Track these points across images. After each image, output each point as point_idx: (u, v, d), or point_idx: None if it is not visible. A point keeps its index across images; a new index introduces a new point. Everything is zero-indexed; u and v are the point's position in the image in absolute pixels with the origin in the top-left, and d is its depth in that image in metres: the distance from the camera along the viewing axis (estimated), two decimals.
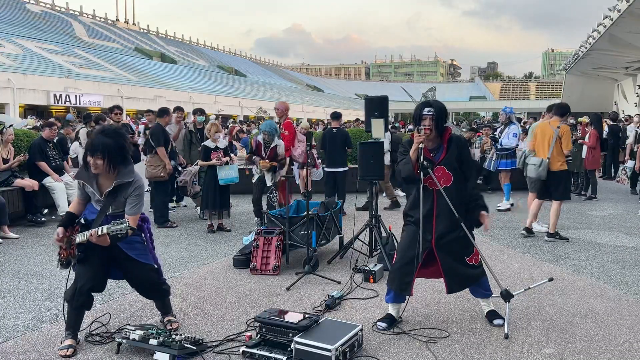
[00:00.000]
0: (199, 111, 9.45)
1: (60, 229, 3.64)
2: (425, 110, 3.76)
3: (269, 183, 7.27)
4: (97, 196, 3.63)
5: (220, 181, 7.20)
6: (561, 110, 6.91)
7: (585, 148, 10.53)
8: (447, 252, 3.85)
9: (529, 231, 7.05)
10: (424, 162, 3.71)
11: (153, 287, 3.85)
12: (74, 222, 3.71)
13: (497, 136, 9.79)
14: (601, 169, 13.91)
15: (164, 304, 4.01)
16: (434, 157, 3.83)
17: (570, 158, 7.21)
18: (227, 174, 7.25)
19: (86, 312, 3.74)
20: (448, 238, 3.83)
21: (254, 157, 7.21)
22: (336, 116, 9.18)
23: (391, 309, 4.08)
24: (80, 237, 3.56)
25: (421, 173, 3.73)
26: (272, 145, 7.12)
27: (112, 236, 3.43)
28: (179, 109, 9.25)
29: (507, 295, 3.93)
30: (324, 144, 8.87)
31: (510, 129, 9.16)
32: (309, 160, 6.49)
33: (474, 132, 13.08)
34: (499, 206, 9.04)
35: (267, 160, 7.07)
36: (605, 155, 13.38)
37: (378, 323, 3.98)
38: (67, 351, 3.50)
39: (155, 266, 3.85)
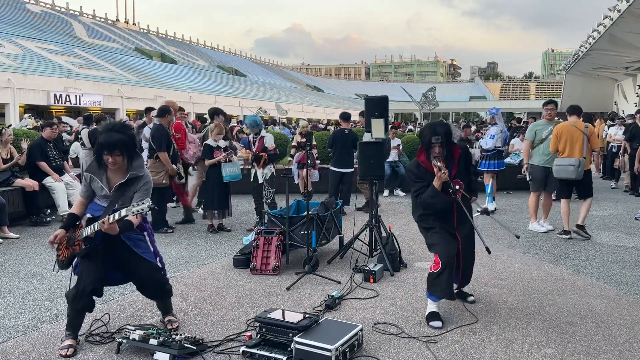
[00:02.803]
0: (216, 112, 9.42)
1: (60, 231, 3.63)
2: (434, 139, 3.99)
3: (260, 180, 7.33)
4: (105, 190, 3.61)
5: (225, 178, 7.15)
6: (578, 111, 7.05)
7: None
8: (467, 249, 4.21)
9: (580, 227, 6.97)
10: (456, 188, 3.99)
11: (157, 286, 3.84)
12: (75, 223, 3.69)
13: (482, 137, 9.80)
14: (601, 169, 13.93)
15: (165, 304, 4.01)
16: (450, 184, 4.02)
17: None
18: (232, 170, 7.20)
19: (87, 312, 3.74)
20: (469, 238, 4.21)
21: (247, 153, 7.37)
22: (346, 117, 9.11)
23: (434, 307, 4.14)
24: (87, 231, 3.53)
25: (455, 196, 3.99)
26: (258, 139, 7.25)
27: (123, 224, 3.43)
28: (180, 109, 9.18)
29: (486, 211, 4.42)
30: (334, 144, 8.80)
31: (490, 130, 9.10)
32: (309, 161, 6.51)
33: (469, 127, 13.34)
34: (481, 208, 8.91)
35: (247, 151, 7.26)
36: (605, 156, 13.39)
37: (432, 323, 4.02)
38: (68, 351, 3.50)
39: (159, 265, 3.85)
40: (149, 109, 9.31)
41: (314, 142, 9.61)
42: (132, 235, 3.68)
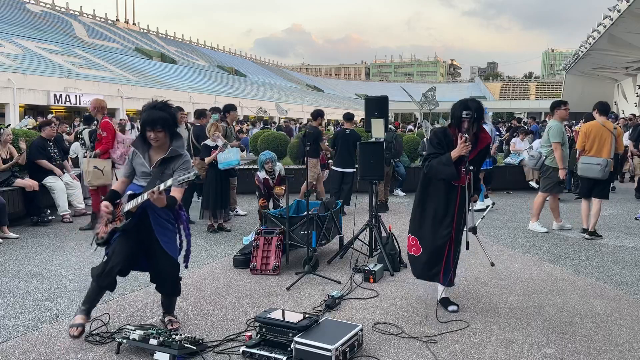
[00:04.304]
0: (214, 110, 9.42)
1: (106, 202, 3.74)
2: (464, 114, 3.86)
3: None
4: (146, 166, 3.74)
5: (220, 165, 7.02)
6: (606, 108, 7.04)
7: None
8: (458, 242, 4.15)
9: (592, 234, 6.98)
10: (470, 167, 3.90)
11: (168, 281, 3.89)
12: (116, 199, 3.79)
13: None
14: None
15: (170, 302, 4.03)
16: (466, 160, 3.94)
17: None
18: (226, 157, 7.03)
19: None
20: (462, 229, 4.14)
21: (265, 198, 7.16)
22: (349, 117, 9.09)
23: (443, 291, 4.29)
24: (128, 206, 3.64)
25: (467, 174, 3.91)
26: (276, 175, 7.10)
27: (169, 199, 3.57)
28: (179, 109, 9.16)
29: (473, 229, 4.13)
30: (336, 144, 8.81)
31: None
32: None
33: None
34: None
35: (281, 187, 7.04)
36: None
37: (449, 308, 4.20)
38: (76, 330, 3.61)
39: (178, 261, 3.89)
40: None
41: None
42: (162, 219, 3.76)
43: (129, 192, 3.73)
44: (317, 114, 9.34)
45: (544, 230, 7.30)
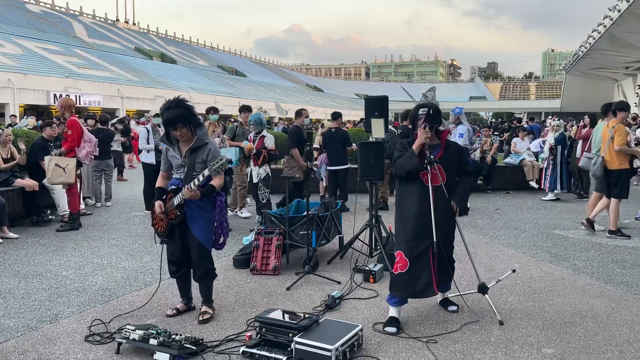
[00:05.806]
0: (212, 110, 9.43)
1: (159, 202, 4.01)
2: (420, 111, 4.07)
3: (255, 180, 7.32)
4: (178, 159, 3.98)
5: None
6: (620, 108, 6.99)
7: (579, 147, 10.51)
8: (443, 247, 3.97)
9: (590, 223, 7.18)
10: (431, 156, 3.93)
11: (198, 266, 4.05)
12: (163, 195, 4.05)
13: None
14: None
15: (206, 291, 4.18)
16: (430, 154, 3.95)
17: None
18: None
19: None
20: (445, 233, 4.01)
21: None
22: (335, 116, 9.20)
23: (394, 312, 4.04)
24: (177, 200, 3.93)
25: (428, 166, 3.91)
26: (259, 138, 7.27)
27: (206, 189, 3.85)
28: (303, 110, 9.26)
29: (483, 289, 4.25)
30: (325, 144, 8.98)
31: (458, 129, 9.11)
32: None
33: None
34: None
35: (250, 144, 7.20)
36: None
37: (386, 328, 3.90)
38: (171, 311, 4.15)
39: (208, 248, 4.06)
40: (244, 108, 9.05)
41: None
42: (194, 209, 3.94)
43: (172, 187, 4.02)
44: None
45: (628, 221, 7.51)
